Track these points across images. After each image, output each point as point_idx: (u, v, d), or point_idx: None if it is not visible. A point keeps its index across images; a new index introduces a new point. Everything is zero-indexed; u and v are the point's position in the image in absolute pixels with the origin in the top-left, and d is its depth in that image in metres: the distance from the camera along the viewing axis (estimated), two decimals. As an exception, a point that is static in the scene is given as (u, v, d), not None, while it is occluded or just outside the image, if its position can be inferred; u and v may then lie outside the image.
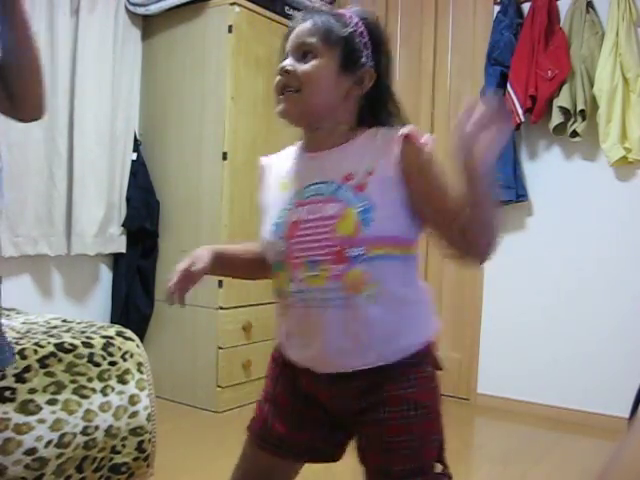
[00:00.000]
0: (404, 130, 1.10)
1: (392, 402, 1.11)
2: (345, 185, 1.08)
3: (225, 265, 1.32)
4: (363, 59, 1.14)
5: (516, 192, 3.30)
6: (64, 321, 2.31)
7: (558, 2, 3.31)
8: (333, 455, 1.26)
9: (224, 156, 3.20)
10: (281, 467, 1.26)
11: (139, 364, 2.15)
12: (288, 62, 1.14)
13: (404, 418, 1.11)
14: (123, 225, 3.39)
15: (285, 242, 1.11)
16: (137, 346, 2.20)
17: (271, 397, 1.28)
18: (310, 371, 1.16)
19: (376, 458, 1.13)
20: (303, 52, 1.13)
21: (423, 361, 1.17)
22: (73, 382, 1.94)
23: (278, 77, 1.15)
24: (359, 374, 1.11)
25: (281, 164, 1.23)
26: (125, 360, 2.11)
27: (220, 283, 3.19)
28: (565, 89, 3.15)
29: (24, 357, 1.85)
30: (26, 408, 1.79)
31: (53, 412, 1.85)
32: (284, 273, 1.13)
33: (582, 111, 3.12)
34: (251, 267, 1.33)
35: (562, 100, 3.15)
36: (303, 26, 1.15)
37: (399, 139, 1.09)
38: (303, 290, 1.10)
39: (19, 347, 1.87)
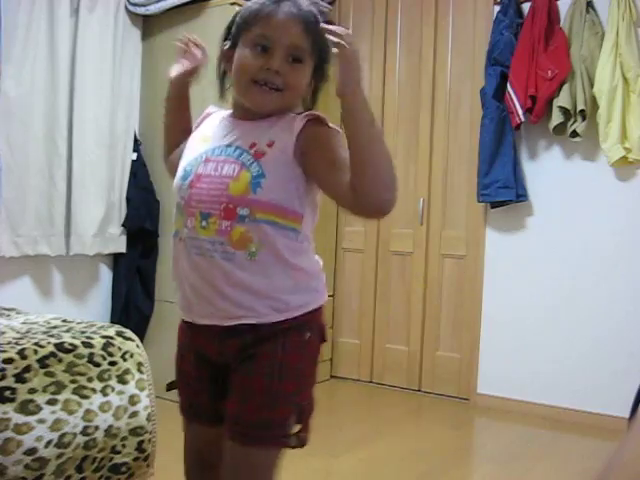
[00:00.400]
0: (315, 113, 1.21)
1: (260, 358, 1.18)
2: (247, 151, 1.18)
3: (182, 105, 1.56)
4: (328, 60, 1.21)
5: (516, 192, 3.30)
6: (64, 321, 2.31)
7: (558, 2, 3.31)
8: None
9: (224, 156, 3.20)
10: (215, 436, 1.26)
11: (139, 364, 2.15)
12: (278, 63, 1.17)
13: (267, 375, 1.17)
14: (123, 225, 3.39)
15: (188, 190, 1.21)
16: (137, 346, 2.20)
17: (179, 368, 1.35)
18: (196, 325, 1.24)
19: (233, 406, 1.20)
20: (291, 54, 1.17)
21: (304, 327, 1.21)
22: (73, 382, 1.94)
23: (258, 67, 1.17)
24: (239, 330, 1.18)
25: (210, 120, 1.35)
26: (125, 360, 2.11)
27: (220, 283, 3.19)
28: (565, 89, 3.15)
29: (24, 357, 1.85)
30: (26, 408, 1.79)
31: (53, 412, 1.85)
32: (181, 217, 1.22)
33: (582, 111, 3.12)
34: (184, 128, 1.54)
35: (562, 100, 3.15)
36: (292, 21, 1.17)
37: (304, 117, 1.19)
38: (194, 237, 1.18)
39: (19, 347, 1.88)
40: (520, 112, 3.21)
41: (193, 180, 1.20)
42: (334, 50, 1.05)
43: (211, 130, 1.29)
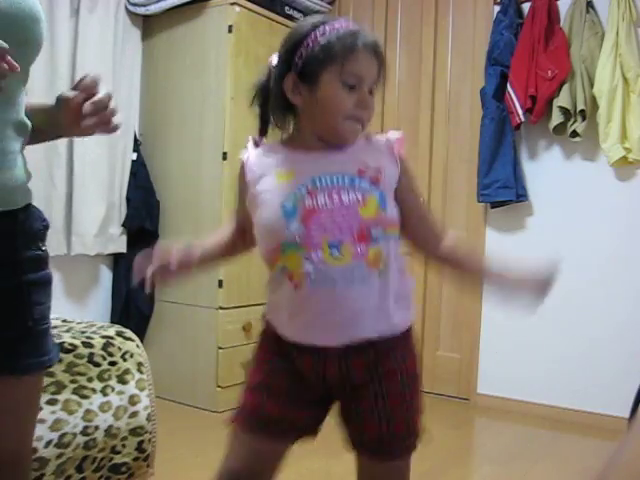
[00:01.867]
0: (395, 137, 1.29)
1: (389, 374, 1.22)
2: (360, 177, 1.19)
3: (204, 262, 1.38)
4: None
5: (516, 192, 3.30)
6: (64, 321, 2.32)
7: (558, 2, 3.31)
8: (315, 432, 1.31)
9: (224, 156, 3.20)
10: (270, 450, 1.28)
11: (139, 364, 2.15)
12: (369, 98, 1.21)
13: (400, 390, 1.23)
14: (123, 225, 3.39)
15: (301, 225, 1.17)
16: (137, 346, 2.20)
17: (262, 381, 1.28)
18: (315, 349, 1.21)
19: (373, 428, 1.22)
20: (371, 87, 1.21)
21: (412, 335, 1.28)
22: (73, 382, 1.94)
23: (355, 106, 1.19)
24: (367, 346, 1.20)
25: (264, 159, 1.27)
26: (125, 360, 2.11)
27: (220, 283, 3.19)
28: (565, 89, 3.15)
29: (24, 357, 1.85)
30: (26, 408, 1.79)
31: (53, 412, 1.85)
32: (298, 254, 1.17)
33: (582, 111, 3.12)
34: (225, 255, 1.41)
35: (562, 100, 3.15)
36: (374, 60, 1.20)
37: (397, 144, 1.28)
38: (323, 269, 1.16)
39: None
40: (520, 112, 3.21)
41: (306, 214, 1.17)
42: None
43: (284, 166, 1.23)
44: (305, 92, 1.20)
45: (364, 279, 1.17)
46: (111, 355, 2.08)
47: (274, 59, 1.26)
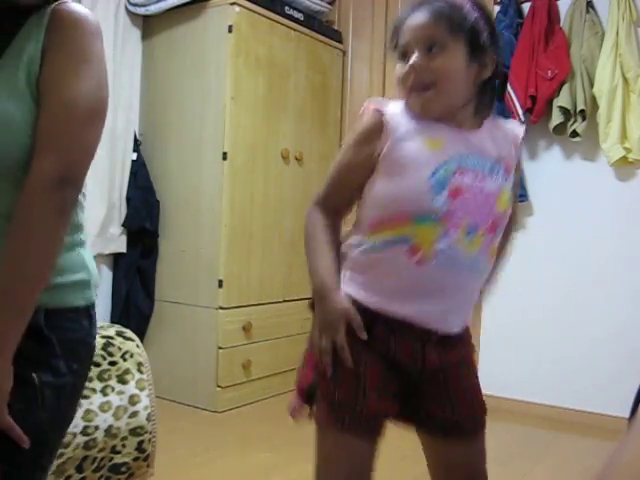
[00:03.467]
0: (521, 131, 1.27)
1: (467, 359, 1.28)
2: (498, 165, 1.18)
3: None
4: (487, 43, 1.17)
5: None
6: (64, 321, 2.31)
7: (558, 2, 3.31)
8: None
9: (224, 156, 3.20)
10: (372, 450, 1.18)
11: (139, 364, 2.15)
12: (416, 58, 1.13)
13: (474, 373, 1.30)
14: (123, 225, 3.39)
15: (447, 200, 1.12)
16: (137, 346, 2.20)
17: (354, 373, 1.15)
18: (417, 334, 1.17)
19: (466, 409, 1.25)
20: (428, 45, 1.13)
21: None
22: (73, 382, 1.94)
23: (404, 73, 1.15)
24: (455, 336, 1.21)
25: (406, 118, 1.18)
26: (125, 360, 2.11)
27: (220, 283, 3.19)
28: (565, 89, 3.15)
29: (24, 357, 1.86)
30: (26, 408, 1.79)
31: (53, 412, 1.85)
32: (436, 229, 1.12)
33: (582, 111, 3.12)
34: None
35: (562, 100, 3.15)
36: (421, 17, 1.14)
37: (520, 141, 1.26)
38: (456, 251, 1.13)
39: (19, 347, 1.88)
40: (520, 112, 3.21)
41: (454, 191, 1.12)
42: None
43: (433, 135, 1.17)
44: None
45: (483, 270, 1.21)
46: (111, 355, 2.08)
47: None
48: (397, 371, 1.18)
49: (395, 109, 1.18)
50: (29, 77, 1.00)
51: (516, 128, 1.27)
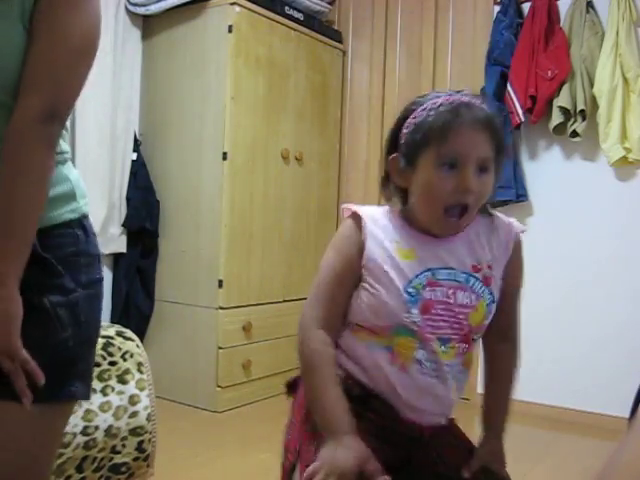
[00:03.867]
0: (519, 231, 1.20)
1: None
2: (474, 275, 1.15)
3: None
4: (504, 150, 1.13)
5: (516, 192, 3.30)
6: (64, 321, 2.31)
7: (558, 2, 3.31)
8: None
9: (224, 156, 3.20)
10: None
11: (139, 364, 2.15)
12: (473, 179, 1.06)
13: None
14: (123, 225, 3.39)
15: (419, 315, 1.12)
16: (137, 346, 2.20)
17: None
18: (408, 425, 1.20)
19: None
20: (481, 166, 1.07)
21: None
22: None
23: (452, 192, 1.07)
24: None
25: (385, 228, 1.16)
26: (125, 360, 2.11)
27: (220, 283, 3.19)
28: (565, 89, 3.15)
29: (24, 357, 1.85)
30: (26, 408, 1.79)
31: (53, 412, 1.85)
32: (413, 340, 1.14)
33: (582, 111, 3.12)
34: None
35: (562, 100, 3.15)
36: (481, 135, 1.06)
37: (515, 242, 1.19)
38: (434, 361, 1.15)
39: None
40: (520, 112, 3.21)
41: (424, 305, 1.12)
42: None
43: (406, 244, 1.14)
44: (409, 175, 1.12)
45: (458, 378, 1.21)
46: (111, 355, 2.08)
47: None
48: (392, 441, 1.18)
49: (372, 211, 1.17)
50: (23, 11, 1.01)
51: (516, 229, 1.20)
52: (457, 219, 1.10)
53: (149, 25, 3.48)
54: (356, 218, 1.16)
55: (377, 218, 1.16)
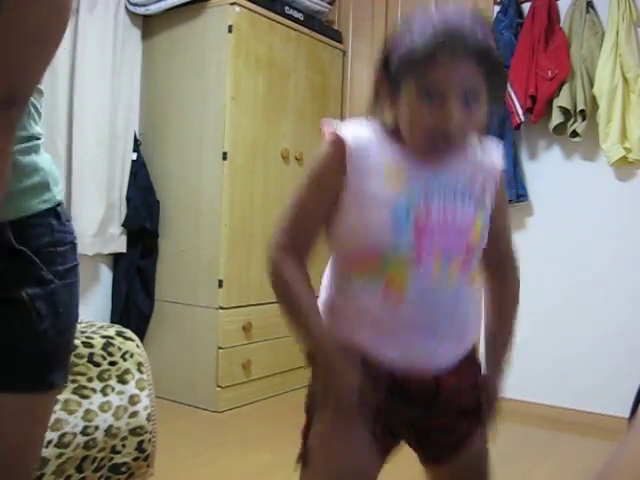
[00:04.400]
0: (500, 162, 1.19)
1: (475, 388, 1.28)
2: (470, 194, 1.12)
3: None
4: (503, 80, 1.09)
5: (516, 192, 3.30)
6: (64, 321, 2.31)
7: (558, 2, 3.31)
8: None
9: (224, 156, 3.20)
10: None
11: (139, 364, 2.15)
12: (457, 112, 1.00)
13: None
14: (123, 225, 3.39)
15: (414, 237, 1.06)
16: (137, 346, 2.20)
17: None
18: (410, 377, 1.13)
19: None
20: (467, 97, 1.01)
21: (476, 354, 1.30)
22: (73, 382, 1.94)
23: (434, 126, 1.01)
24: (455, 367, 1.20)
25: (375, 150, 1.09)
26: (125, 360, 2.11)
27: (220, 283, 3.19)
28: (565, 89, 3.15)
29: (24, 357, 1.85)
30: (26, 408, 1.79)
31: (53, 412, 1.85)
32: (405, 268, 1.07)
33: (582, 111, 3.12)
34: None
35: (562, 100, 3.15)
36: (467, 63, 0.99)
37: (500, 177, 1.18)
38: (432, 287, 1.09)
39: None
40: (520, 112, 3.21)
41: (420, 226, 1.07)
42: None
43: (397, 165, 1.09)
44: (395, 99, 1.07)
45: (468, 298, 1.17)
46: (111, 355, 2.08)
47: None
48: (403, 399, 1.14)
49: (358, 134, 1.10)
50: None
51: (496, 159, 1.17)
52: (442, 151, 1.06)
53: (149, 25, 3.48)
54: (338, 141, 1.09)
55: (362, 138, 1.09)
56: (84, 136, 3.17)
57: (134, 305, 3.41)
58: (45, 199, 1.11)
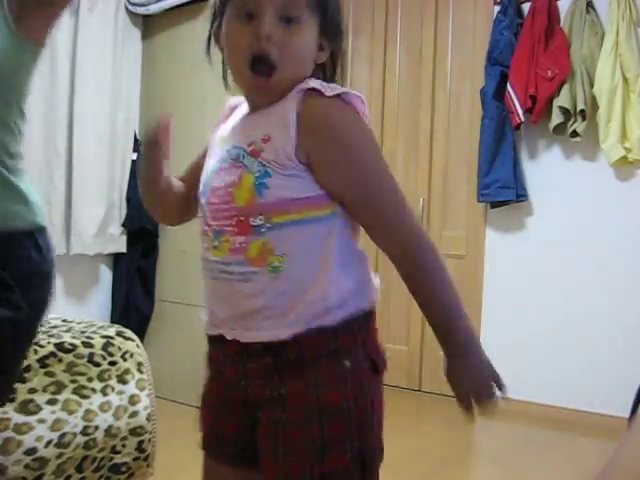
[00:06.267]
0: (311, 84, 0.95)
1: (293, 400, 0.95)
2: (245, 150, 0.96)
3: (166, 186, 1.21)
4: (337, 28, 1.00)
5: (516, 192, 3.30)
6: (64, 321, 2.31)
7: (558, 2, 3.31)
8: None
9: (224, 156, 3.20)
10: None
11: (139, 364, 2.15)
12: (270, 26, 0.92)
13: (304, 422, 0.94)
14: (123, 225, 3.39)
15: (205, 207, 1.03)
16: (137, 346, 2.20)
17: (205, 392, 1.15)
18: (221, 342, 1.03)
19: (273, 466, 0.97)
20: (283, 15, 0.93)
21: (344, 349, 0.96)
22: (73, 382, 1.94)
23: (249, 39, 0.93)
24: (263, 351, 0.96)
25: (234, 116, 1.07)
26: (125, 360, 2.11)
27: (220, 283, 3.19)
28: (565, 89, 3.15)
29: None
30: (26, 408, 1.79)
31: (53, 412, 1.85)
32: (201, 234, 1.06)
33: (582, 111, 3.12)
34: (174, 198, 1.23)
35: (562, 100, 3.15)
36: None
37: (297, 93, 0.94)
38: (207, 259, 1.03)
39: (19, 347, 1.88)
40: (520, 112, 3.21)
41: (209, 195, 1.02)
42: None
43: (227, 130, 1.05)
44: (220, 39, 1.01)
45: (245, 277, 0.95)
46: (111, 355, 2.08)
47: None
48: (232, 388, 1.06)
49: (241, 103, 1.07)
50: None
51: (293, 97, 0.94)
52: (266, 77, 0.94)
53: (149, 25, 3.48)
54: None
55: (237, 111, 1.08)
56: (84, 136, 3.17)
57: (134, 305, 3.41)
58: (25, 219, 1.15)
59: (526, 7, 3.37)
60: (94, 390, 1.98)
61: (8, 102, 1.16)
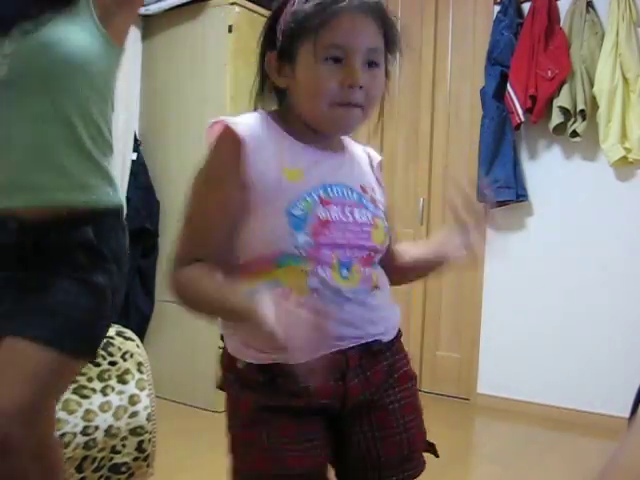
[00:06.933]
0: (378, 157, 1.17)
1: (402, 380, 1.11)
2: (364, 195, 1.06)
3: None
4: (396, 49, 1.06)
5: (516, 192, 3.30)
6: (64, 321, 2.31)
7: (558, 2, 3.31)
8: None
9: (224, 156, 3.19)
10: None
11: (139, 364, 2.15)
12: (360, 73, 0.95)
13: (413, 395, 1.14)
14: (123, 225, 3.39)
15: (311, 237, 0.98)
16: (137, 346, 2.20)
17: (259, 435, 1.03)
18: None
19: (398, 444, 1.11)
20: (369, 59, 0.97)
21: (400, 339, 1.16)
22: (73, 382, 1.94)
23: (340, 88, 0.95)
24: (377, 347, 1.06)
25: (266, 143, 1.00)
26: (125, 360, 2.11)
27: (220, 283, 3.19)
28: (565, 89, 3.15)
29: (24, 357, 1.85)
30: (26, 408, 1.79)
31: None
32: (300, 269, 0.98)
33: (582, 111, 3.12)
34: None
35: (562, 100, 3.15)
36: (368, 22, 0.96)
37: (378, 168, 1.15)
38: (331, 287, 0.99)
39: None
40: (520, 112, 3.21)
41: (318, 226, 0.98)
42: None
43: (289, 157, 1.01)
44: (289, 72, 0.99)
45: (366, 301, 1.04)
46: (111, 355, 2.08)
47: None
48: (313, 413, 1.03)
49: (249, 124, 1.00)
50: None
51: (373, 155, 1.15)
52: (356, 110, 0.98)
53: (149, 25, 3.48)
54: (230, 137, 0.98)
55: (258, 135, 1.00)
56: (84, 136, 3.16)
57: (134, 305, 3.41)
58: (113, 199, 1.48)
59: (526, 7, 3.37)
60: (94, 390, 1.98)
61: (105, 98, 1.39)
